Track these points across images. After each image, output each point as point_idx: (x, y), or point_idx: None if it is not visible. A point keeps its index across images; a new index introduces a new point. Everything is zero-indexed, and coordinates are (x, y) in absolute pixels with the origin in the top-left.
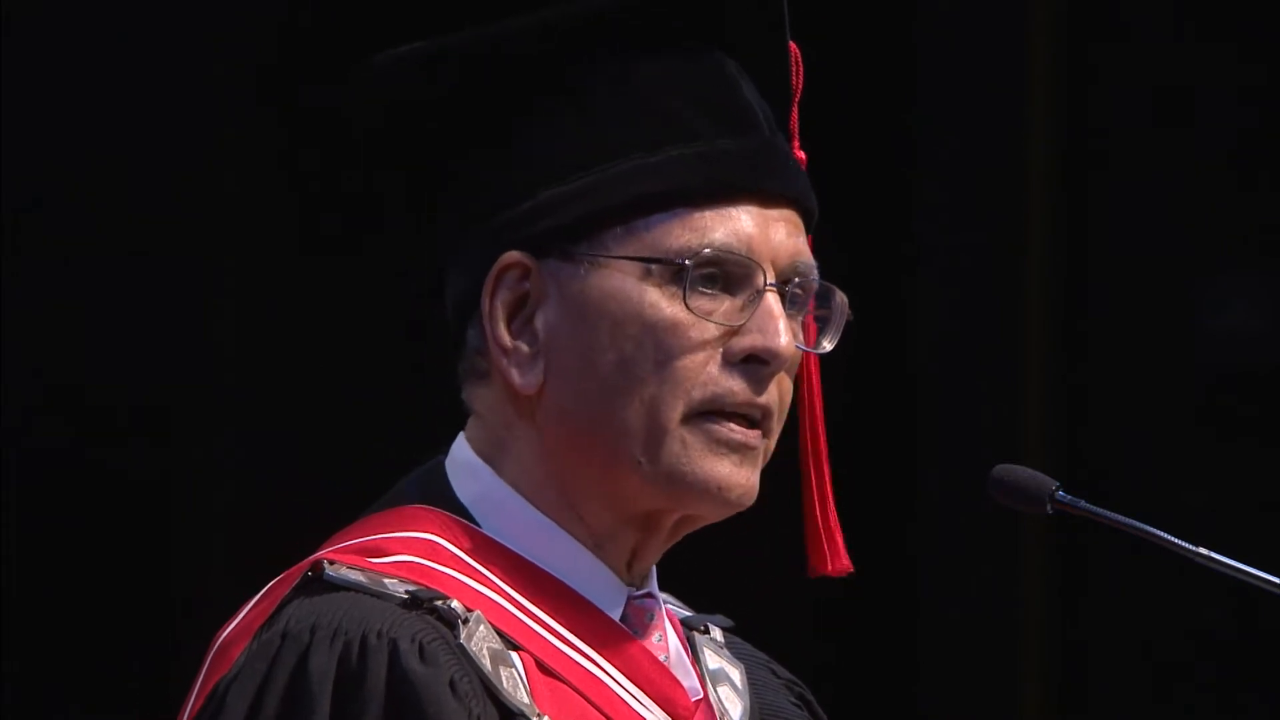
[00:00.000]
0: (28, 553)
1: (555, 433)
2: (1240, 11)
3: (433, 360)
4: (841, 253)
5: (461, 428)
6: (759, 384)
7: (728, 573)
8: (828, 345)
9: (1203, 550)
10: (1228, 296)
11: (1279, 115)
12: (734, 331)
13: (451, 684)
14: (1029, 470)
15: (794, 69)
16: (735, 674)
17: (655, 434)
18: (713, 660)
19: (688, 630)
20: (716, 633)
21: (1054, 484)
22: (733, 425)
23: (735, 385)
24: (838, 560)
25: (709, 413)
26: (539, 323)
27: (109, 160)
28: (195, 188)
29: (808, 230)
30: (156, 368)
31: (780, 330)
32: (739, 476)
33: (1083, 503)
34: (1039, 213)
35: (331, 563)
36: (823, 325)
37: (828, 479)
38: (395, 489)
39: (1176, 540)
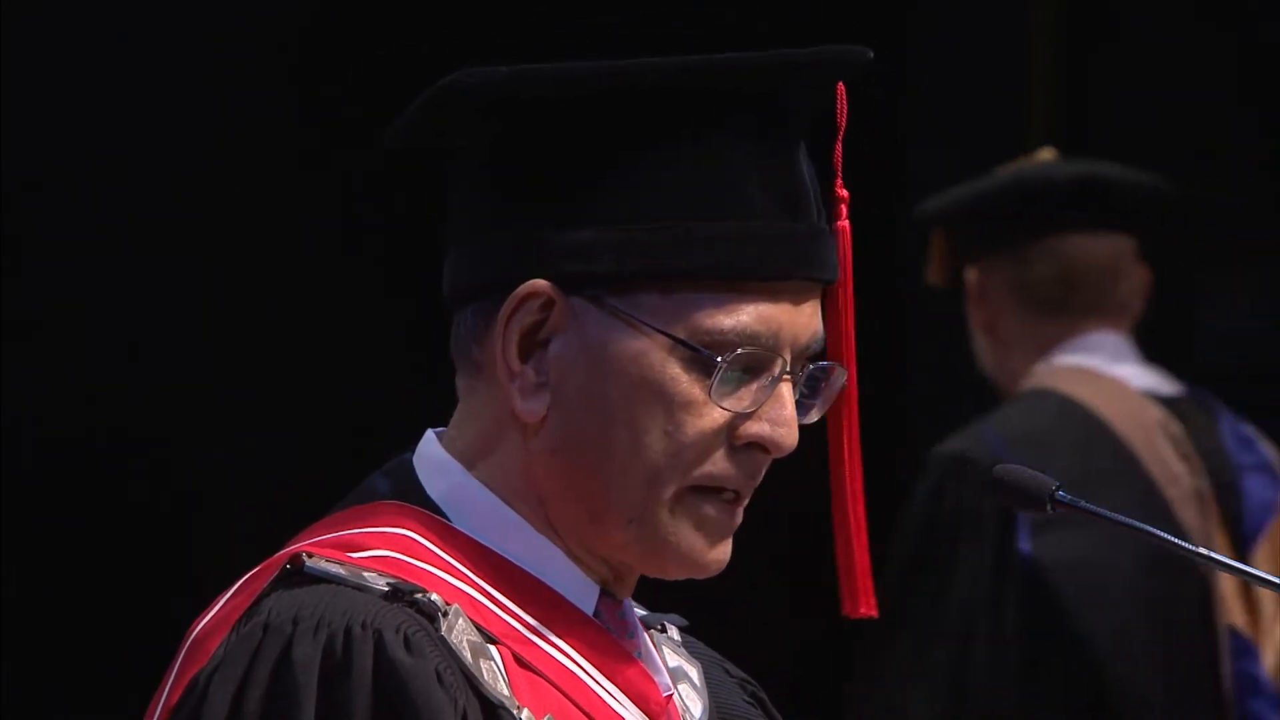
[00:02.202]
0: (28, 553)
1: (547, 462)
2: (1240, 12)
3: (433, 362)
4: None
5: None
6: (757, 469)
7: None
8: (814, 416)
9: (1203, 550)
10: (1228, 296)
11: (1279, 115)
12: (744, 415)
13: (438, 674)
14: (1029, 470)
15: (839, 107)
16: (693, 672)
17: (651, 502)
18: (672, 658)
19: (646, 629)
20: (673, 631)
21: (1054, 484)
22: (721, 508)
23: (735, 470)
24: (867, 606)
25: (701, 489)
26: (551, 354)
27: (109, 160)
28: (195, 188)
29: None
30: (157, 368)
31: (790, 423)
32: (719, 553)
33: (1083, 503)
34: None
35: (310, 555)
36: (814, 394)
37: (863, 525)
38: (363, 486)
39: (1176, 540)
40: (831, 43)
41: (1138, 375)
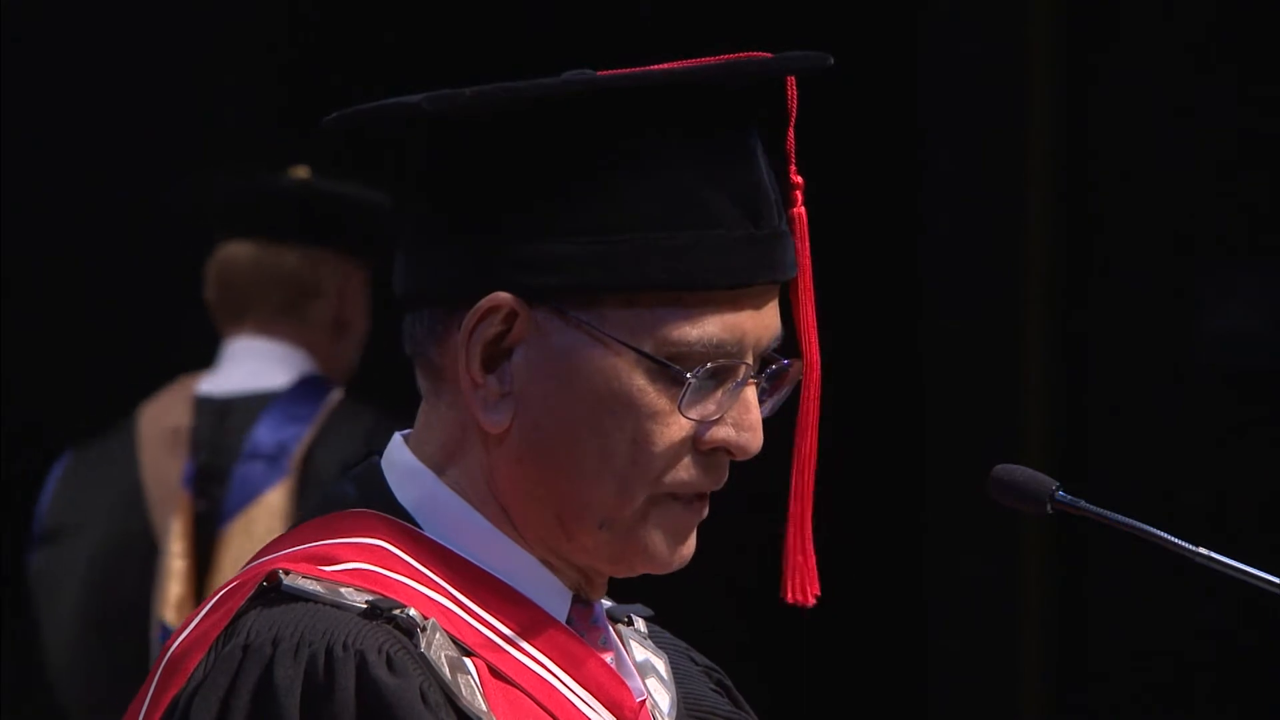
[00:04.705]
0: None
1: (511, 472)
2: (1240, 12)
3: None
4: (847, 260)
5: None
6: (723, 470)
7: (733, 571)
8: (771, 409)
9: (1203, 550)
10: (1227, 296)
11: (1279, 114)
12: (710, 421)
13: (422, 694)
14: (1029, 470)
15: (789, 94)
16: (660, 664)
17: (620, 509)
18: (639, 652)
19: (612, 623)
20: (639, 623)
21: (1054, 484)
22: (689, 511)
23: (701, 475)
24: (810, 591)
25: (670, 495)
26: (515, 365)
27: (109, 162)
28: (196, 188)
29: None
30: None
31: (755, 427)
32: (685, 551)
33: (1083, 503)
34: (1040, 214)
35: (287, 572)
36: (773, 389)
37: (809, 515)
38: (331, 491)
39: (1176, 540)
40: (839, 44)
41: (226, 379)
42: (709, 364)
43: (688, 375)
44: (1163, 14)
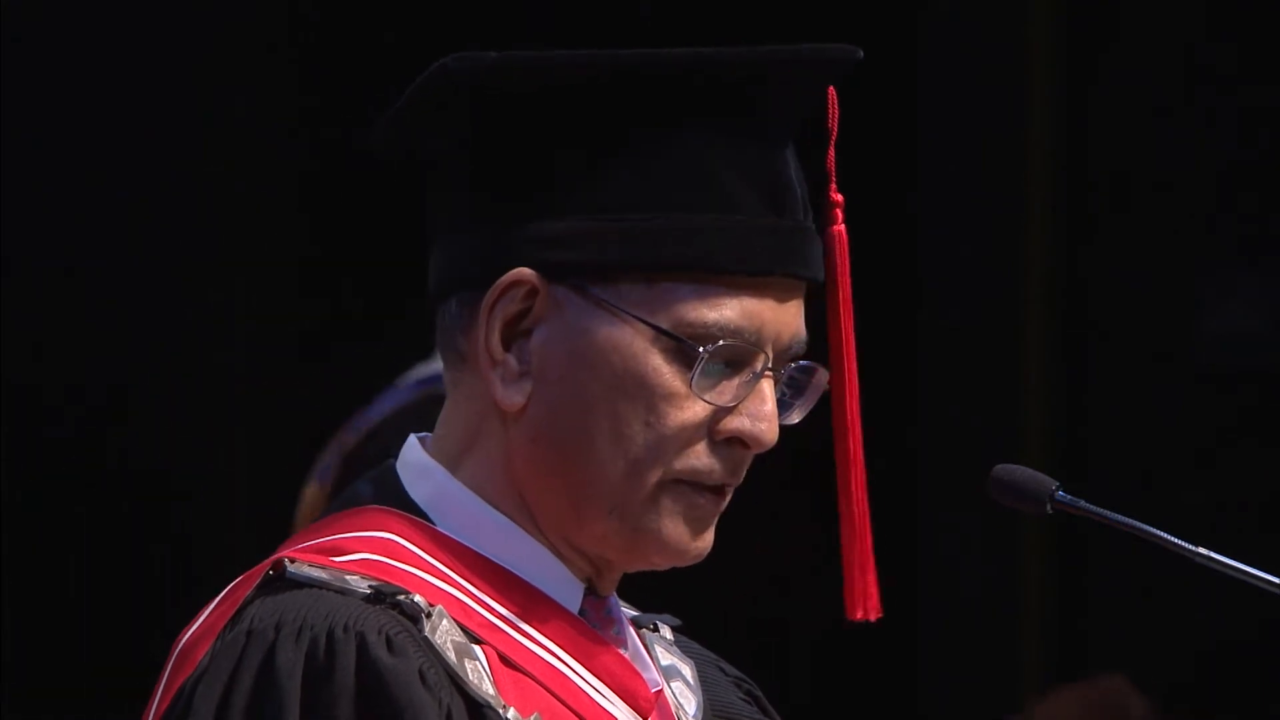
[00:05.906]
0: (30, 553)
1: (527, 452)
2: (1240, 12)
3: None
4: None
5: None
6: (738, 464)
7: (734, 574)
8: (796, 417)
9: (1202, 550)
10: (1227, 296)
11: (1279, 114)
12: (725, 410)
13: (421, 674)
14: (1029, 470)
15: (830, 112)
16: (687, 670)
17: (632, 493)
18: (664, 657)
19: (638, 629)
20: (665, 630)
21: (1054, 484)
22: (705, 499)
23: (715, 465)
24: (867, 609)
25: (685, 482)
26: (534, 342)
27: (110, 162)
28: (204, 197)
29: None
30: (162, 372)
31: (770, 418)
32: (702, 542)
33: (1083, 503)
34: (1040, 215)
35: (293, 561)
36: (797, 395)
37: (868, 529)
38: (348, 492)
39: (1176, 540)
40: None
41: (416, 371)
42: (721, 342)
43: (700, 350)
44: (1163, 14)
